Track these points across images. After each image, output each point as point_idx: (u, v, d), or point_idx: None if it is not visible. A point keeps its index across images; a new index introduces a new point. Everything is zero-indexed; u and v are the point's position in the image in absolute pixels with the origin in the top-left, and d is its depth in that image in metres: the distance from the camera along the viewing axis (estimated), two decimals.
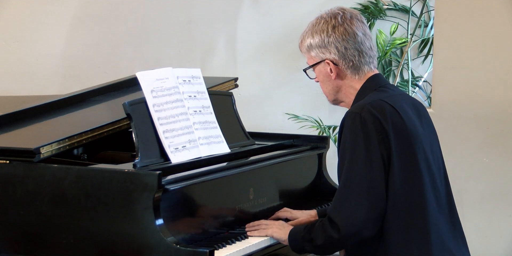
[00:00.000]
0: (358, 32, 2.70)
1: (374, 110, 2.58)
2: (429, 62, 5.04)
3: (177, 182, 2.69)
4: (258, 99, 5.43)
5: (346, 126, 2.61)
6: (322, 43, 2.71)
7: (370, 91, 2.69)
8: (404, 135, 2.59)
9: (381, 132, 2.56)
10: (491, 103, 3.97)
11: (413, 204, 2.57)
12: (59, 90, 5.45)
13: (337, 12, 2.73)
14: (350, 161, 2.57)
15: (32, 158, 2.71)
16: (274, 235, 2.82)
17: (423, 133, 2.66)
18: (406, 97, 2.76)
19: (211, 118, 3.08)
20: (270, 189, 3.16)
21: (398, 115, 2.61)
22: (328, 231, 2.57)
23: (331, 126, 5.11)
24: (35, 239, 2.73)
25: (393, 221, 2.56)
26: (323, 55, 2.72)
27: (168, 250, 2.53)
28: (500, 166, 3.99)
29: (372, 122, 2.56)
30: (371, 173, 2.54)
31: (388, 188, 2.56)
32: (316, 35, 2.72)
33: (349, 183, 2.57)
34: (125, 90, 3.54)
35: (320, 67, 2.76)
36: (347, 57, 2.70)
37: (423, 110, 2.76)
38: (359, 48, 2.70)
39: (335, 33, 2.69)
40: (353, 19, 2.72)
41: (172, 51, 5.53)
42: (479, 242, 3.95)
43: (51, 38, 5.68)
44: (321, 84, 2.80)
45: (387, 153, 2.56)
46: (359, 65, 2.71)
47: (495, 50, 3.95)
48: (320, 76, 2.78)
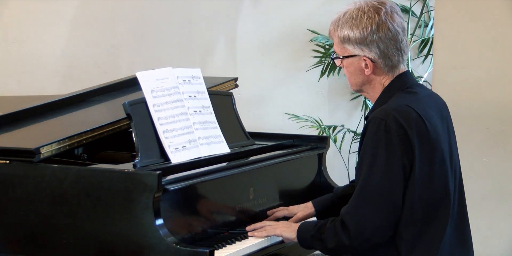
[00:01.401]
0: (399, 29, 2.62)
1: (400, 118, 2.52)
2: (429, 62, 5.04)
3: (177, 182, 2.69)
4: (258, 99, 5.43)
5: (370, 131, 2.56)
6: (363, 40, 2.61)
7: (397, 91, 2.64)
8: (427, 145, 2.54)
9: (404, 141, 2.51)
10: (491, 103, 3.96)
11: (429, 215, 2.56)
12: (59, 90, 5.45)
13: (379, 7, 2.62)
14: (369, 168, 2.54)
15: (32, 158, 2.71)
16: (283, 234, 2.78)
17: (445, 139, 2.62)
18: (432, 99, 2.70)
19: (211, 118, 3.08)
20: (270, 189, 3.16)
21: (423, 123, 2.55)
22: (339, 235, 2.56)
23: (331, 126, 5.11)
24: (35, 239, 2.73)
25: (406, 231, 2.54)
26: (362, 52, 2.63)
27: (168, 250, 2.53)
28: (500, 166, 3.99)
29: (396, 130, 2.51)
30: (389, 182, 2.51)
31: (406, 197, 2.53)
32: (357, 30, 2.61)
33: (366, 190, 2.54)
34: (125, 90, 3.54)
35: (353, 60, 2.66)
36: (388, 57, 2.62)
37: (446, 113, 2.71)
38: (399, 46, 2.63)
39: (378, 32, 2.60)
40: (394, 14, 2.63)
41: (172, 51, 5.53)
42: (479, 242, 3.95)
43: (51, 38, 5.69)
44: (348, 74, 2.71)
45: (410, 162, 2.52)
46: (397, 65, 2.65)
47: (495, 50, 3.94)
48: (351, 68, 2.68)
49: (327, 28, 2.79)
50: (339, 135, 5.13)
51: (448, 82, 4.03)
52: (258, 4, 5.43)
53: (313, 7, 5.29)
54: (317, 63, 5.11)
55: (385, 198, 2.52)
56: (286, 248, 2.92)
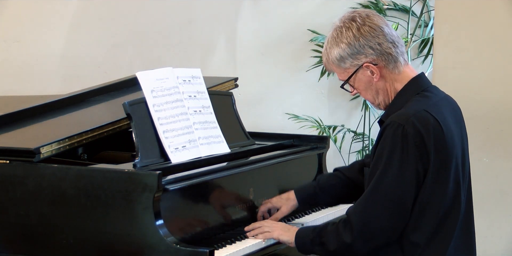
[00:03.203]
0: (381, 25, 2.62)
1: (418, 124, 2.51)
2: (429, 62, 5.04)
3: (177, 182, 2.69)
4: (258, 99, 5.43)
5: (387, 135, 2.55)
6: (353, 50, 2.60)
7: (412, 95, 2.62)
8: (442, 153, 2.54)
9: (421, 148, 2.51)
10: (491, 103, 3.96)
11: (438, 221, 2.56)
12: (59, 90, 5.44)
13: (353, 15, 2.63)
14: (382, 171, 2.53)
15: (32, 158, 2.71)
16: (280, 238, 2.79)
17: (458, 144, 2.62)
18: (448, 102, 2.69)
19: (211, 118, 3.08)
20: (270, 189, 3.16)
21: (441, 130, 2.55)
22: (342, 235, 2.56)
23: (331, 126, 5.11)
24: (35, 239, 2.73)
25: (414, 235, 2.54)
26: (359, 61, 2.62)
27: (168, 250, 2.53)
28: (500, 166, 3.99)
29: (413, 136, 2.50)
30: (401, 187, 2.51)
31: (416, 202, 2.53)
32: (343, 44, 2.61)
33: (376, 192, 2.54)
34: (125, 90, 3.54)
35: (359, 75, 2.65)
36: (384, 51, 2.61)
37: (460, 116, 2.71)
38: (391, 39, 2.61)
39: (362, 34, 2.59)
40: (370, 15, 2.64)
41: (172, 51, 5.53)
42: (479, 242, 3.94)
43: (51, 38, 5.68)
44: (363, 93, 2.69)
45: (424, 169, 2.52)
46: (396, 57, 2.63)
47: (495, 50, 3.94)
48: (361, 85, 2.67)
49: (327, 28, 2.78)
50: (339, 135, 5.13)
51: (448, 82, 4.02)
52: (258, 4, 5.42)
53: (313, 7, 5.28)
54: (317, 63, 5.10)
55: (395, 202, 2.52)
56: (286, 248, 2.92)
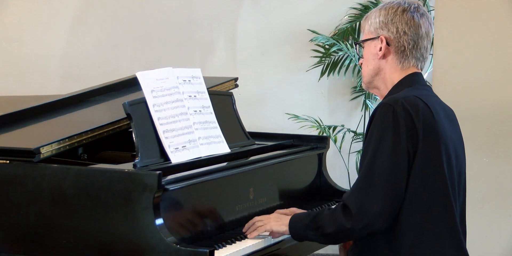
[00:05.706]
0: (423, 27, 2.69)
1: (407, 106, 2.55)
2: (429, 62, 5.04)
3: (177, 182, 2.69)
4: (258, 99, 5.43)
5: (377, 117, 2.58)
6: (385, 20, 2.69)
7: (405, 87, 2.67)
8: (432, 135, 2.56)
9: (410, 128, 2.53)
10: (491, 103, 3.96)
11: (431, 205, 2.55)
12: (59, 90, 5.45)
13: (414, 2, 2.73)
14: (374, 152, 2.55)
15: (32, 158, 2.70)
16: (273, 228, 2.78)
17: (451, 138, 2.63)
18: (439, 100, 2.72)
19: (211, 118, 3.08)
20: (270, 189, 3.16)
21: (431, 114, 2.58)
22: (340, 219, 2.55)
23: (331, 126, 5.12)
24: (35, 239, 2.72)
25: (407, 220, 2.54)
26: (381, 31, 2.69)
27: (168, 250, 2.53)
28: (500, 166, 3.99)
29: (403, 117, 2.53)
30: (394, 167, 2.52)
31: (408, 186, 2.54)
32: (383, 12, 2.70)
33: (370, 174, 2.54)
34: (125, 90, 3.54)
35: (372, 43, 2.72)
36: (402, 41, 2.67)
37: (454, 117, 2.73)
38: (416, 40, 2.68)
39: (402, 15, 2.68)
40: (424, 16, 2.72)
41: (172, 51, 5.53)
42: (479, 242, 3.95)
43: (51, 38, 5.69)
44: (364, 63, 2.76)
45: (413, 150, 2.53)
46: (408, 55, 2.68)
47: (495, 50, 3.94)
48: (367, 53, 2.74)
49: (327, 28, 2.80)
50: (339, 135, 5.14)
51: (448, 82, 4.03)
52: (258, 4, 5.43)
53: (313, 7, 5.28)
54: (317, 63, 5.11)
55: (389, 183, 2.52)
56: (286, 248, 2.92)
